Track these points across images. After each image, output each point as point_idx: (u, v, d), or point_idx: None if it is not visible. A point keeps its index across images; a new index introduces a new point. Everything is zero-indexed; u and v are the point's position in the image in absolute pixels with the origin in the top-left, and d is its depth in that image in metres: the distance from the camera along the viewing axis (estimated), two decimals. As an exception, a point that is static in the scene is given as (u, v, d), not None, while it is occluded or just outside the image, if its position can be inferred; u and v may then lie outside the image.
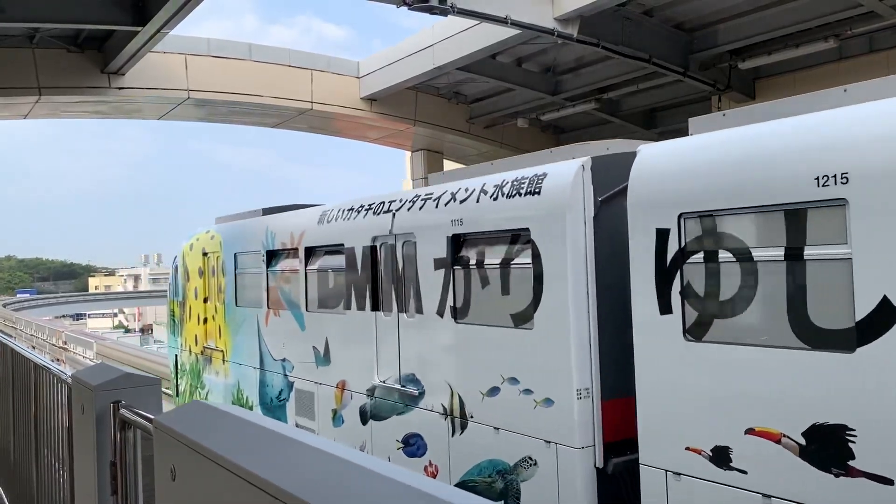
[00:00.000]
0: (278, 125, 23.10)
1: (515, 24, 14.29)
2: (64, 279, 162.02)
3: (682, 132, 6.64)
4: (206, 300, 14.26)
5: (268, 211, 13.17)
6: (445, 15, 13.53)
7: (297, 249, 11.05)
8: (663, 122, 21.47)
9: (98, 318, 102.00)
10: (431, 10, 13.25)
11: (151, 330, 73.43)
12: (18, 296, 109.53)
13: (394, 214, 9.06)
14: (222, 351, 13.49)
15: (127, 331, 79.89)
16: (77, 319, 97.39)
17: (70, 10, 14.74)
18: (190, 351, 15.09)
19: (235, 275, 13.03)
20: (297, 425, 10.64)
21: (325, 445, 1.92)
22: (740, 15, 15.32)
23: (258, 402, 12.19)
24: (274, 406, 11.71)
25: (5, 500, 6.47)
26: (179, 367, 15.80)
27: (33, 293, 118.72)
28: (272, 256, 11.89)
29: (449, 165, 26.42)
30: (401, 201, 9.09)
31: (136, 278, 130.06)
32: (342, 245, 10.00)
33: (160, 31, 14.94)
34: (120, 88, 17.85)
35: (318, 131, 24.33)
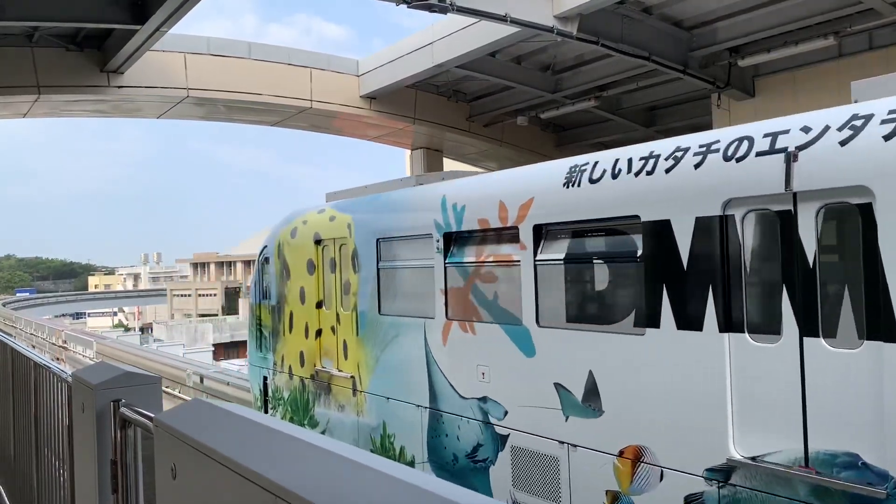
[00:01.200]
0: (278, 124, 23.10)
1: (515, 21, 14.28)
2: (63, 278, 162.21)
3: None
4: (320, 305, 10.66)
5: (424, 179, 9.68)
6: (445, 13, 13.52)
7: (514, 229, 7.30)
8: (663, 119, 21.47)
9: (98, 317, 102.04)
10: (431, 8, 13.24)
11: (151, 329, 73.49)
12: (18, 295, 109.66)
13: (792, 156, 5.13)
14: (352, 377, 9.81)
15: (127, 329, 79.94)
16: (77, 318, 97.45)
17: (69, 9, 14.73)
18: (290, 373, 11.33)
19: (378, 269, 9.37)
20: (514, 503, 7.42)
21: (326, 443, 1.92)
22: (739, 12, 15.31)
23: (425, 457, 8.48)
24: (461, 468, 7.97)
25: (5, 498, 6.47)
26: (273, 393, 12.00)
27: (33, 292, 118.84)
28: (455, 241, 8.16)
29: (449, 164, 26.42)
30: (807, 130, 5.16)
31: (136, 277, 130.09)
32: (635, 218, 6.19)
33: (159, 30, 14.93)
34: (119, 87, 17.85)
35: (318, 130, 24.33)
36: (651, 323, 6.03)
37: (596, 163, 6.61)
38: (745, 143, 5.54)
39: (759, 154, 5.40)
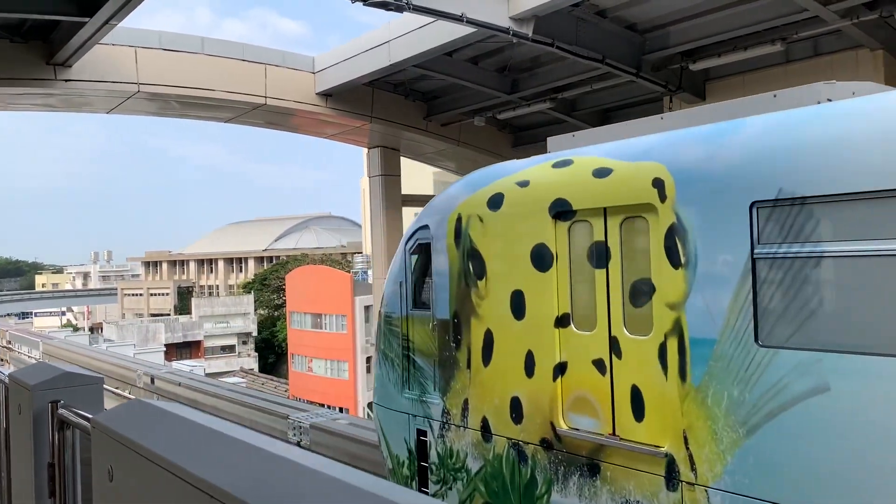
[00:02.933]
0: (231, 120, 22.80)
1: (471, 22, 14.33)
2: (9, 277, 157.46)
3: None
4: (564, 321, 6.57)
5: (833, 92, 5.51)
6: (401, 11, 13.51)
7: None
8: (617, 121, 21.74)
9: (45, 317, 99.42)
10: (387, 6, 13.21)
11: (101, 329, 71.92)
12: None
13: None
14: (667, 455, 5.64)
15: (76, 329, 78.02)
16: (23, 318, 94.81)
17: (13, 0, 14.31)
18: (485, 431, 7.24)
19: (753, 260, 5.14)
20: None
21: (263, 443, 1.89)
22: (691, 17, 15.63)
23: None
24: None
25: (-59, 504, 6.25)
26: (441, 460, 7.83)
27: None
28: None
29: (406, 163, 26.39)
30: None
31: (86, 276, 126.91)
32: None
33: (108, 23, 14.59)
34: (66, 81, 17.41)
35: (274, 127, 24.09)
36: None
37: None
38: None
39: None
